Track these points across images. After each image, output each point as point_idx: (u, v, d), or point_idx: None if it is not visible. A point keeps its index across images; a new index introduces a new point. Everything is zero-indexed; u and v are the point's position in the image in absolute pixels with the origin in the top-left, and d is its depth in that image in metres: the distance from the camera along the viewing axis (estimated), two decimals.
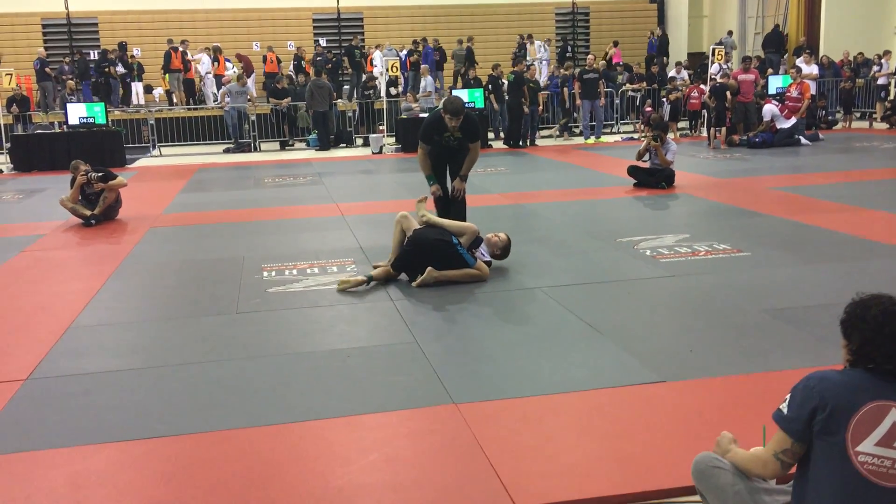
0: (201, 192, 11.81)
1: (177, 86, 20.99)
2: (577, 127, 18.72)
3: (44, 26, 23.25)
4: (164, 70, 21.03)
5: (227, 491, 3.17)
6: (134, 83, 21.61)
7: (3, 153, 16.12)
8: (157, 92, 22.05)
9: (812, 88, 16.93)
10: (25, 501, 3.15)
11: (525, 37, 23.27)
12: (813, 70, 18.37)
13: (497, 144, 17.49)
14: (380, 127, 18.62)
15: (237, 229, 8.70)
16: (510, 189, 10.99)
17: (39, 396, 4.20)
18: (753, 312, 5.18)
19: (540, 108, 18.29)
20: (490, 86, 17.66)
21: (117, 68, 21.07)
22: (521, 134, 17.18)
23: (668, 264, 6.49)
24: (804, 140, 15.40)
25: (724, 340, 4.72)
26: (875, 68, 19.64)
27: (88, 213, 9.12)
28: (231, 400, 4.07)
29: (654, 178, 10.58)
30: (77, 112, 15.94)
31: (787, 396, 2.43)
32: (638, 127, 18.68)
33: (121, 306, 5.90)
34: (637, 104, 20.21)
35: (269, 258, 7.17)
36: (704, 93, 17.06)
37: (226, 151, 17.89)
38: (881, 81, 19.24)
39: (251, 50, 23.00)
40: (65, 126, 16.11)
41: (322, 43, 23.89)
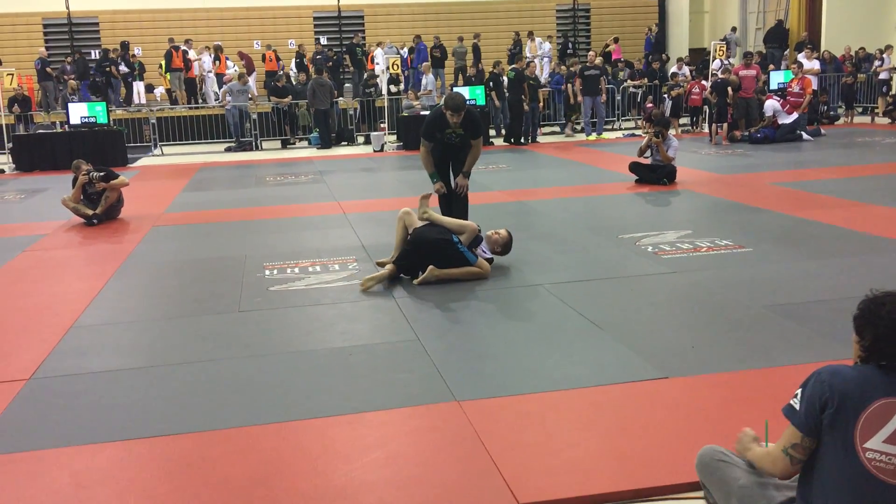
0: (203, 191, 11.81)
1: (178, 85, 20.99)
2: (579, 123, 18.70)
3: (45, 26, 23.26)
4: (166, 69, 21.04)
5: (230, 489, 3.18)
6: (135, 82, 21.63)
7: (5, 153, 16.13)
8: (159, 91, 22.06)
9: (813, 84, 16.90)
10: (29, 501, 3.16)
11: (520, 34, 23.18)
12: (814, 65, 18.33)
13: (498, 142, 17.49)
14: (381, 125, 18.61)
15: (239, 228, 8.71)
16: (512, 186, 10.98)
17: (42, 396, 4.21)
18: (755, 308, 5.18)
19: (541, 105, 18.27)
20: (491, 83, 17.66)
21: (120, 68, 21.09)
22: (523, 131, 17.18)
23: (670, 260, 6.49)
24: (806, 135, 15.37)
25: (726, 336, 4.72)
26: (877, 63, 19.59)
27: (90, 213, 9.13)
28: (233, 398, 4.08)
29: (656, 175, 10.58)
30: (78, 112, 15.94)
31: (798, 391, 2.41)
32: (640, 124, 18.66)
33: (123, 305, 5.92)
34: (638, 101, 20.18)
35: (271, 257, 7.18)
36: (706, 89, 17.03)
37: (227, 150, 17.89)
38: (883, 76, 19.20)
39: (252, 48, 23.01)
40: (66, 126, 16.10)
41: (323, 41, 23.89)
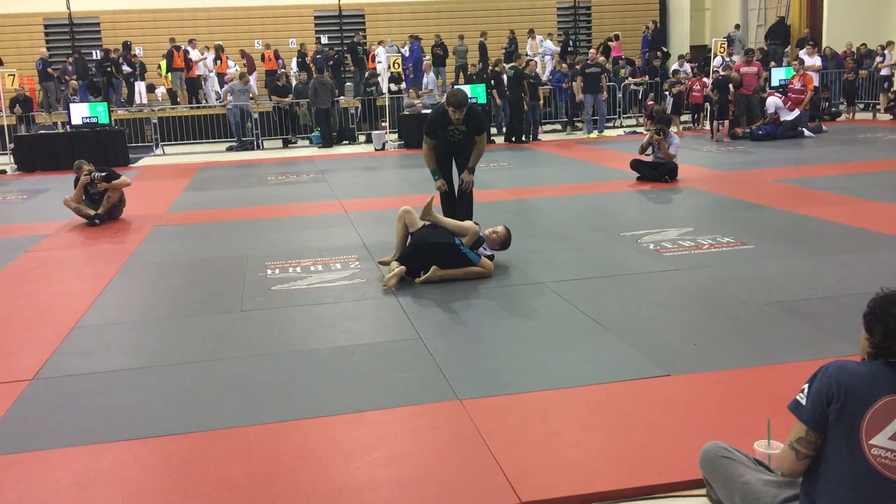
0: (204, 191, 11.82)
1: (179, 85, 21.00)
2: (580, 121, 18.69)
3: (46, 26, 23.28)
4: (167, 69, 21.04)
5: (233, 488, 3.18)
6: (137, 82, 21.64)
7: (7, 154, 16.15)
8: (160, 91, 22.07)
9: (815, 80, 16.88)
10: (32, 501, 3.16)
11: (515, 32, 23.09)
12: (816, 62, 18.31)
13: (499, 140, 17.48)
14: (382, 123, 18.61)
15: (241, 227, 8.71)
16: (513, 184, 10.98)
17: (45, 396, 4.22)
18: (757, 305, 5.18)
19: (541, 103, 18.24)
20: (493, 81, 17.64)
21: (123, 68, 21.09)
22: (525, 129, 17.17)
23: (672, 258, 6.49)
24: (807, 132, 15.36)
25: (728, 334, 4.72)
26: (878, 59, 19.56)
27: (92, 213, 9.14)
28: (236, 398, 4.08)
29: (657, 172, 10.58)
30: (80, 112, 15.95)
31: (804, 386, 2.42)
32: (643, 121, 18.63)
33: (125, 305, 5.92)
34: (639, 98, 20.15)
35: (273, 256, 7.18)
36: (707, 86, 17.01)
37: (229, 150, 17.91)
38: (884, 72, 19.16)
39: (253, 48, 23.02)
40: (68, 126, 16.12)
41: (324, 40, 23.88)
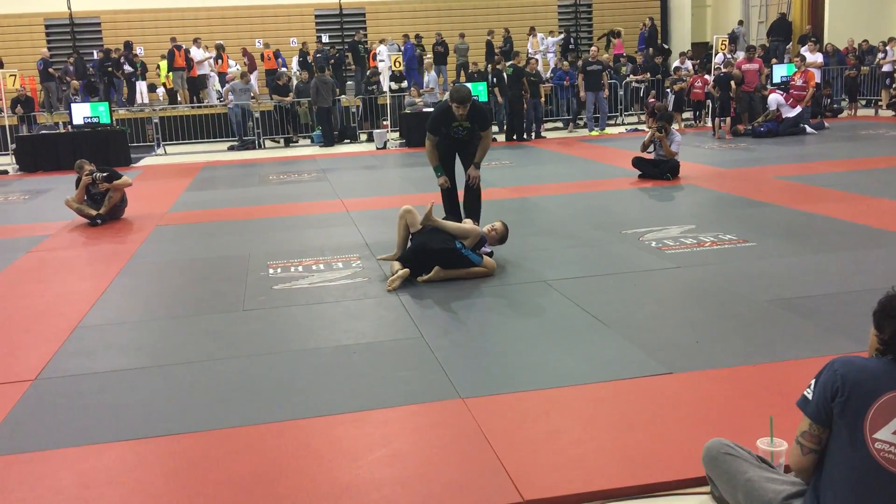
0: (206, 191, 11.82)
1: (181, 84, 21.00)
2: (581, 119, 18.67)
3: (47, 27, 23.31)
4: (168, 68, 21.04)
5: (235, 488, 3.18)
6: (138, 82, 21.64)
7: (9, 154, 16.16)
8: (160, 91, 22.08)
9: (817, 77, 16.85)
10: (36, 501, 3.16)
11: (509, 30, 23.04)
12: (817, 58, 18.28)
13: (501, 138, 17.46)
14: (383, 122, 18.60)
15: (242, 227, 8.71)
16: (514, 182, 10.97)
17: (48, 396, 4.22)
18: (759, 303, 5.17)
19: (543, 101, 18.22)
20: (495, 79, 17.62)
21: (125, 67, 21.10)
22: (527, 127, 17.15)
23: (674, 255, 6.48)
24: (809, 129, 15.34)
25: (730, 331, 4.72)
26: (880, 55, 19.51)
27: (94, 213, 9.15)
28: (238, 397, 4.08)
29: (659, 170, 10.56)
30: (81, 112, 15.96)
31: (812, 381, 2.45)
32: (646, 119, 18.60)
33: (127, 305, 5.93)
34: (641, 95, 20.13)
35: (275, 255, 7.18)
36: (708, 83, 16.99)
37: (230, 149, 17.92)
38: (886, 69, 19.12)
39: (254, 47, 23.03)
40: (69, 126, 16.13)
41: (324, 39, 23.88)
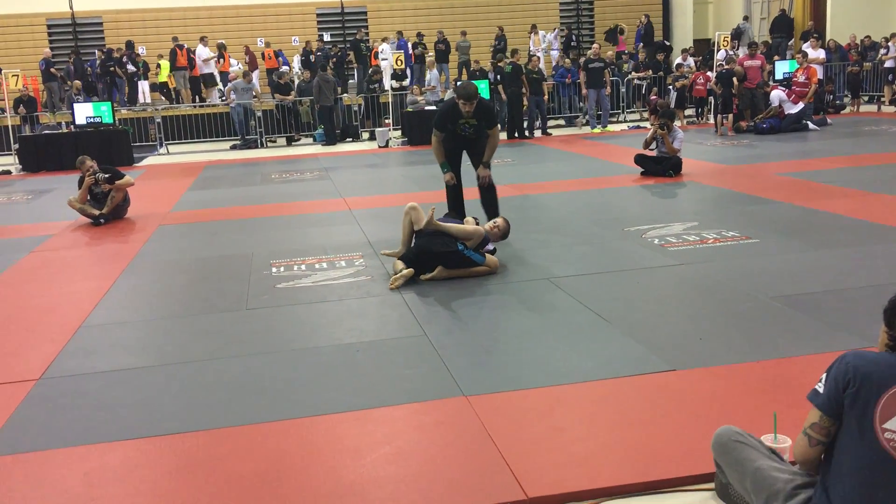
0: (209, 190, 11.83)
1: (183, 83, 21.01)
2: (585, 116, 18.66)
3: (49, 27, 23.33)
4: (171, 68, 21.05)
5: (240, 486, 3.19)
6: (140, 81, 21.66)
7: (12, 154, 16.19)
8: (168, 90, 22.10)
9: (819, 73, 16.82)
10: (41, 501, 3.17)
11: (503, 28, 22.98)
12: (820, 54, 18.25)
13: (502, 136, 17.44)
14: (385, 120, 18.60)
15: (245, 226, 8.72)
16: (516, 180, 10.96)
17: (52, 396, 4.23)
18: (762, 299, 5.17)
19: (546, 98, 18.20)
20: (498, 76, 17.59)
21: (128, 67, 21.11)
22: (528, 125, 17.13)
23: (677, 252, 6.48)
24: (812, 125, 15.31)
25: (734, 328, 4.71)
26: (882, 51, 19.48)
27: (97, 213, 9.16)
28: (242, 396, 4.09)
29: (662, 167, 10.55)
30: (84, 112, 15.98)
31: (822, 376, 2.47)
32: (648, 116, 18.58)
33: (131, 305, 5.94)
34: (643, 92, 20.11)
35: (278, 254, 7.19)
36: (710, 80, 16.97)
37: (233, 148, 17.93)
38: (888, 64, 19.09)
39: (256, 46, 23.03)
40: (72, 126, 16.16)
41: (326, 37, 23.88)
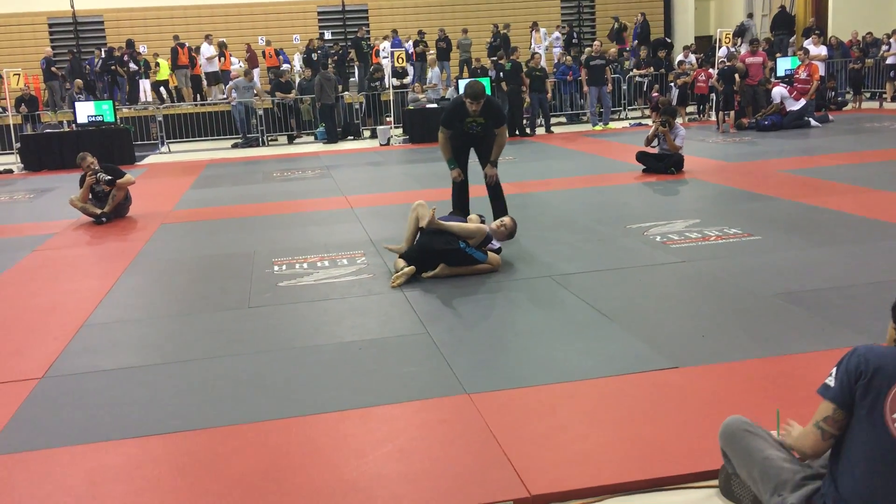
0: (211, 188, 11.84)
1: (184, 82, 21.01)
2: (585, 114, 18.66)
3: (50, 25, 23.34)
4: (172, 67, 21.06)
5: (243, 484, 3.19)
6: (142, 80, 21.67)
7: (13, 153, 16.20)
8: (161, 89, 22.09)
9: (821, 69, 16.79)
10: (44, 499, 3.18)
11: (499, 26, 22.93)
12: (821, 51, 18.22)
13: None
14: (387, 119, 18.60)
15: (247, 224, 8.73)
16: (518, 178, 10.94)
17: (55, 394, 4.23)
18: (765, 296, 5.17)
19: (549, 96, 18.19)
20: (501, 73, 17.57)
21: (130, 66, 21.11)
22: (529, 122, 17.12)
23: (679, 250, 6.47)
24: (814, 122, 15.30)
25: (736, 325, 4.71)
26: (884, 48, 19.44)
27: (99, 212, 9.16)
28: (245, 394, 4.09)
29: (663, 164, 10.55)
30: (85, 110, 15.99)
31: (833, 370, 2.49)
32: (650, 113, 18.56)
33: (133, 303, 5.94)
34: (645, 90, 20.09)
35: (280, 252, 7.19)
36: (712, 76, 16.95)
37: (234, 146, 17.94)
38: (890, 61, 19.04)
39: (256, 44, 23.02)
40: (73, 125, 16.17)
41: (327, 35, 23.87)
